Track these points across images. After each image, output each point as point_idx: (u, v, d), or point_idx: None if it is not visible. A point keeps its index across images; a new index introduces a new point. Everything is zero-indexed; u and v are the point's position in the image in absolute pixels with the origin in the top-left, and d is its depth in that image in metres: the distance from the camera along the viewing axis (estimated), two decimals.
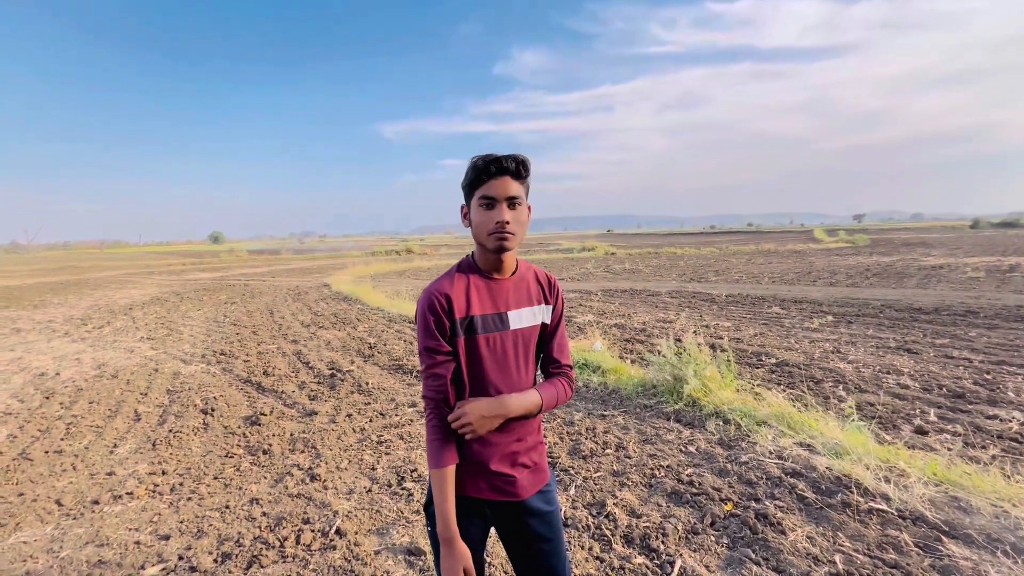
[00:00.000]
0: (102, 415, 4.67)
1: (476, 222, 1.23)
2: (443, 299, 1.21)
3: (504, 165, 1.20)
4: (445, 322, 1.22)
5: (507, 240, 1.21)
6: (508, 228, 1.20)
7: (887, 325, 7.38)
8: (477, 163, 1.21)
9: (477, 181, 1.21)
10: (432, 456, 1.21)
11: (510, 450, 1.29)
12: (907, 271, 14.43)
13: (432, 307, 1.21)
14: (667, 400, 4.20)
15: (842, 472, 2.86)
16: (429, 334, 1.22)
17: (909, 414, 3.96)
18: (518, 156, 1.23)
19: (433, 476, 1.21)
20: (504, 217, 1.20)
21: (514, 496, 1.29)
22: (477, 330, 1.24)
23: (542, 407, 1.30)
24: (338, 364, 6.09)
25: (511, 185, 1.22)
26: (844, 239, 34.46)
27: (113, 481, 3.36)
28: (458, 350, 1.24)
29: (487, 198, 1.20)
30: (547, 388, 1.33)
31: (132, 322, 9.97)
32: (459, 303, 1.22)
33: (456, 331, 1.23)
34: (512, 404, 1.24)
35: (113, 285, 18.49)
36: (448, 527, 1.19)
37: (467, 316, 1.23)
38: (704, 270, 17.17)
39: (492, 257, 1.27)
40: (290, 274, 21.60)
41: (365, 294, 12.30)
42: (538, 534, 1.31)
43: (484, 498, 1.28)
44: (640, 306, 9.90)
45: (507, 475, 1.28)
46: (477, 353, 1.25)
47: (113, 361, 6.74)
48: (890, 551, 2.26)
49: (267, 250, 58.65)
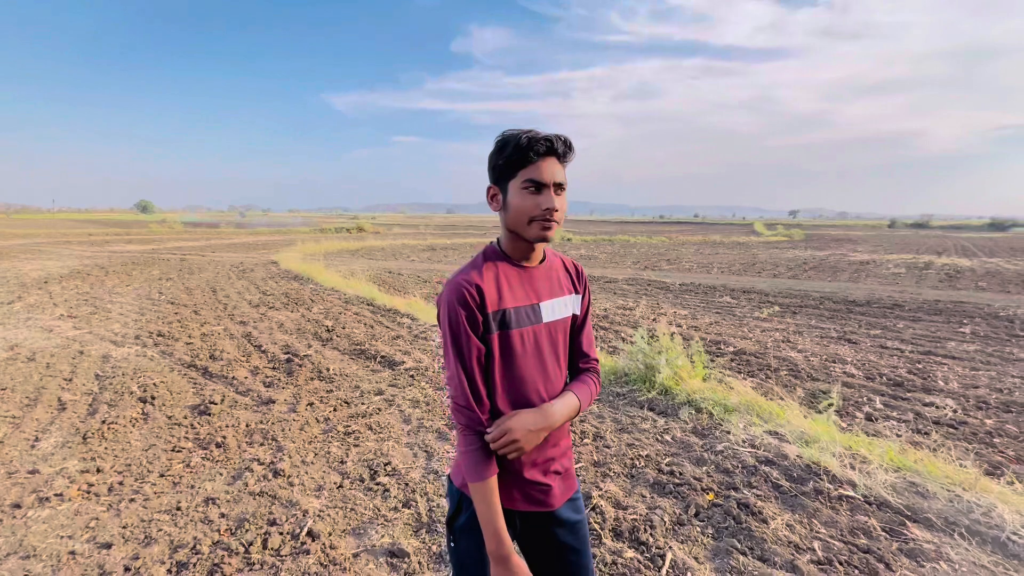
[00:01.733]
0: (18, 404, 4.11)
1: (517, 207, 1.09)
2: (474, 291, 1.08)
3: (555, 146, 1.08)
4: (478, 316, 1.08)
5: (551, 229, 1.10)
6: (555, 216, 1.08)
7: (827, 316, 7.88)
8: (521, 140, 1.07)
9: (522, 160, 1.07)
10: (472, 468, 1.08)
11: (544, 456, 1.18)
12: (839, 265, 15.54)
13: (463, 300, 1.07)
14: (640, 389, 4.25)
15: (811, 460, 2.99)
16: (461, 331, 1.08)
17: (858, 402, 4.22)
18: (565, 137, 1.10)
19: (475, 490, 1.08)
20: (553, 204, 1.08)
21: (547, 506, 1.19)
22: (511, 325, 1.12)
23: (580, 409, 1.20)
24: (294, 348, 5.72)
25: (558, 168, 1.10)
26: (782, 233, 36.72)
27: (37, 481, 2.95)
28: (492, 348, 1.11)
29: (534, 181, 1.07)
30: (581, 389, 1.23)
31: (48, 297, 8.92)
32: (491, 295, 1.10)
33: (489, 327, 1.10)
34: (557, 414, 1.13)
35: (23, 255, 16.49)
36: (503, 543, 1.06)
37: (500, 309, 1.11)
38: (657, 259, 17.70)
39: (524, 246, 1.15)
40: (232, 249, 20.20)
41: (317, 273, 11.68)
42: (567, 545, 1.22)
43: (516, 509, 1.17)
44: (600, 292, 10.03)
45: (542, 484, 1.17)
46: (512, 350, 1.12)
47: (28, 342, 5.98)
48: (861, 536, 2.38)
49: (204, 223, 54.51)
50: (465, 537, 1.17)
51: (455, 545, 1.19)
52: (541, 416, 1.11)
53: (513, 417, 1.09)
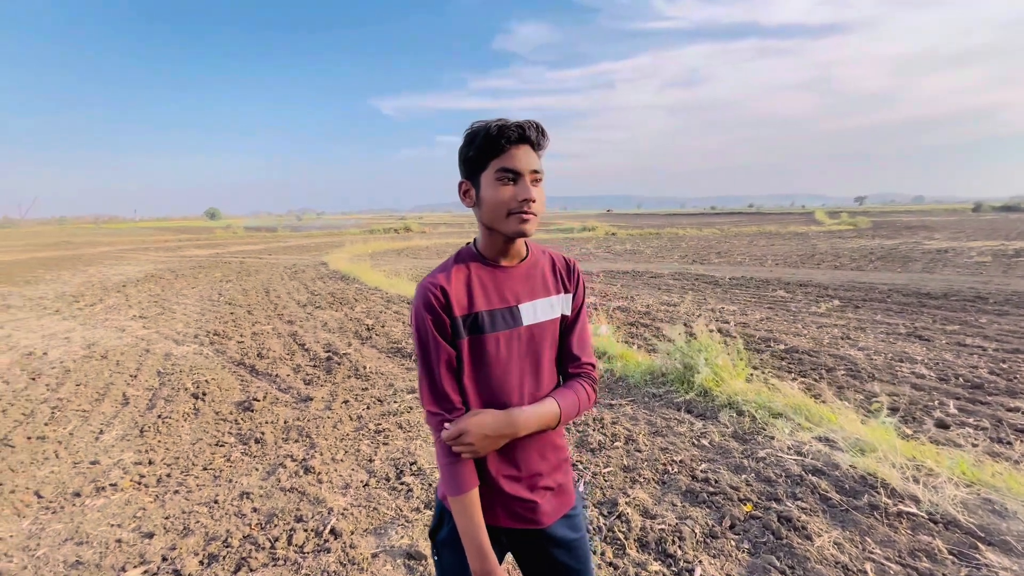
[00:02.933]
0: (89, 398, 4.49)
1: (491, 200, 1.00)
2: (439, 292, 1.02)
3: (527, 133, 0.99)
4: (444, 319, 1.02)
5: (530, 222, 1.01)
6: (533, 208, 1.00)
7: (895, 310, 7.22)
8: (491, 129, 0.99)
9: (493, 150, 0.99)
10: (449, 482, 1.02)
11: (531, 471, 1.09)
12: (912, 255, 14.24)
13: (428, 304, 1.01)
14: (677, 389, 4.04)
15: (867, 471, 2.71)
16: (429, 336, 1.02)
17: (928, 406, 3.81)
18: (537, 123, 1.01)
19: (454, 504, 1.02)
20: (530, 194, 0.99)
21: (535, 523, 1.11)
22: (484, 329, 1.04)
23: (560, 419, 1.08)
24: (335, 346, 5.91)
25: (532, 156, 1.02)
26: (846, 221, 34.16)
27: (97, 471, 3.20)
28: (462, 354, 1.04)
29: (508, 171, 0.99)
30: (565, 395, 1.11)
31: (125, 299, 9.74)
32: (458, 298, 1.03)
33: (458, 331, 1.03)
34: (521, 420, 1.03)
35: (107, 261, 18.17)
36: (487, 559, 1.00)
37: (470, 313, 1.04)
38: (706, 252, 16.94)
39: (501, 242, 1.06)
40: (287, 251, 21.28)
41: (363, 273, 12.06)
42: (564, 565, 1.13)
43: (500, 526, 1.10)
44: (643, 288, 9.71)
45: (527, 500, 1.09)
46: (484, 356, 1.05)
47: (104, 340, 6.54)
48: (923, 559, 2.12)
49: (264, 227, 57.96)
50: (447, 551, 1.12)
51: (439, 559, 1.14)
52: (505, 420, 1.02)
53: (473, 416, 1.01)
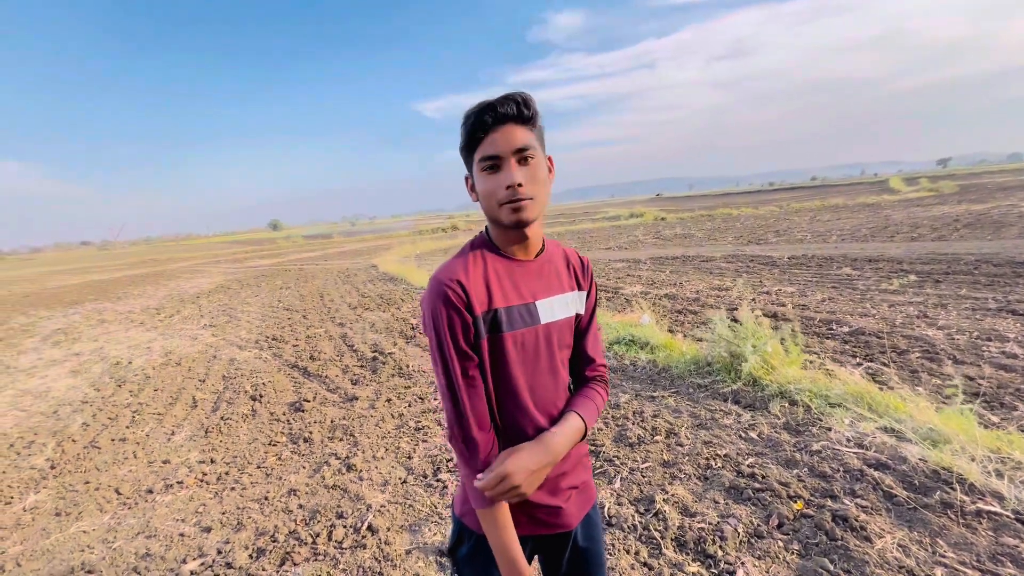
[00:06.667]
0: (164, 402, 4.91)
1: (481, 193, 0.95)
2: (458, 288, 0.91)
3: (502, 110, 0.91)
4: (467, 319, 0.92)
5: (524, 208, 0.92)
6: (523, 191, 0.91)
7: (984, 283, 6.45)
8: (468, 116, 0.93)
9: (473, 139, 0.93)
10: (478, 496, 0.94)
11: (553, 473, 1.03)
12: (1006, 219, 12.67)
13: (447, 299, 0.91)
14: (724, 379, 3.82)
15: (940, 464, 2.43)
16: (446, 336, 0.92)
17: (1019, 390, 3.37)
18: (517, 94, 0.92)
19: (485, 518, 0.95)
20: (515, 178, 0.90)
21: (561, 528, 1.06)
22: (502, 327, 0.95)
23: (586, 433, 1.04)
24: (381, 346, 6.10)
25: (516, 133, 0.92)
26: (926, 188, 30.96)
27: (167, 469, 3.49)
28: (482, 356, 0.95)
29: (489, 158, 0.92)
30: (586, 406, 1.06)
31: (198, 310, 10.58)
32: (478, 293, 0.93)
33: (480, 331, 0.94)
34: (559, 444, 0.98)
35: (185, 275, 19.85)
36: (522, 572, 0.94)
37: (490, 310, 0.94)
38: (763, 231, 15.96)
39: (511, 233, 0.98)
40: (341, 256, 22.29)
41: (409, 273, 12.40)
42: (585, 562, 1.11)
43: (524, 534, 1.04)
44: (693, 273, 9.30)
45: (550, 506, 1.04)
46: (504, 357, 0.96)
47: (179, 349, 7.14)
48: (1007, 564, 1.87)
49: (321, 235, 61.18)
50: (469, 569, 1.07)
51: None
52: (542, 450, 0.95)
53: (509, 458, 0.92)
